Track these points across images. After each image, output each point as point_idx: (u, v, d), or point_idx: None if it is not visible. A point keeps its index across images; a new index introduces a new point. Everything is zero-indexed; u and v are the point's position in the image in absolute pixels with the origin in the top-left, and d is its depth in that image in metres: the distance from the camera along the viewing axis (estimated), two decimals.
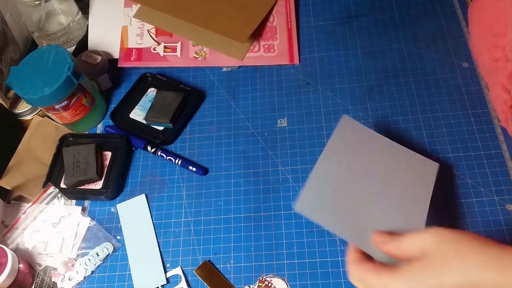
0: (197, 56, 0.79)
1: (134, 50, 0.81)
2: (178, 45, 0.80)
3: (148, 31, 0.82)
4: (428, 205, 0.55)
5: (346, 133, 0.60)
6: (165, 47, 0.80)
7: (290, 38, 0.80)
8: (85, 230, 0.66)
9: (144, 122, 0.73)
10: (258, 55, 0.78)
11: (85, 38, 0.85)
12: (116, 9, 0.85)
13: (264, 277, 0.60)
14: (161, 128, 0.73)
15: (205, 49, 0.79)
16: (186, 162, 0.69)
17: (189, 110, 0.74)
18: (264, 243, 0.62)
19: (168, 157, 0.70)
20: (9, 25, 0.78)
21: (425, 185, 0.57)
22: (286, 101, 0.74)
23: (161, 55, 0.80)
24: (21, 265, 0.61)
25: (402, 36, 0.77)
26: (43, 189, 0.68)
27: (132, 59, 0.80)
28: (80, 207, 0.68)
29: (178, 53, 0.80)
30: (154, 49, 0.81)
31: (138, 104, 0.75)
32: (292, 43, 0.79)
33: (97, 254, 0.64)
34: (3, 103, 0.75)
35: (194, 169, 0.68)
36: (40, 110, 0.77)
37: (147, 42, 0.81)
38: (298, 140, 0.70)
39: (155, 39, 0.81)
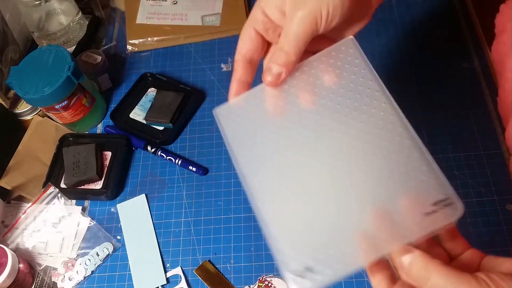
0: None
1: None
2: None
3: None
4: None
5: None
6: None
7: None
8: (85, 230, 0.66)
9: (144, 122, 0.73)
10: None
11: (85, 38, 0.85)
12: None
13: (264, 277, 0.60)
14: (161, 128, 0.73)
15: None
16: (186, 162, 0.69)
17: (189, 110, 0.74)
18: (264, 243, 0.62)
19: (168, 157, 0.70)
20: (9, 25, 0.78)
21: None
22: None
23: None
24: (21, 265, 0.61)
25: (402, 36, 0.77)
26: (43, 189, 0.68)
27: None
28: (80, 207, 0.68)
29: None
30: None
31: (138, 104, 0.75)
32: None
33: (97, 254, 0.64)
34: (3, 103, 0.76)
35: (194, 169, 0.68)
36: (40, 110, 0.77)
37: None
38: None
39: None
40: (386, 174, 0.39)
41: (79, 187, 0.69)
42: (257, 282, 0.60)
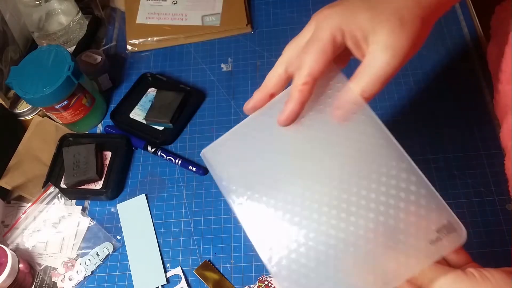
0: None
1: None
2: None
3: None
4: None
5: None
6: None
7: None
8: (85, 230, 0.66)
9: (144, 122, 0.73)
10: None
11: (85, 38, 0.85)
12: None
13: (264, 277, 0.60)
14: (161, 128, 0.73)
15: None
16: (186, 162, 0.69)
17: (189, 110, 0.74)
18: None
19: (168, 157, 0.70)
20: (9, 25, 0.78)
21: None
22: None
23: None
24: (21, 265, 0.61)
25: None
26: (43, 189, 0.68)
27: None
28: (80, 207, 0.68)
29: None
30: None
31: (138, 104, 0.75)
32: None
33: (97, 254, 0.64)
34: (3, 103, 0.76)
35: (194, 169, 0.68)
36: (40, 110, 0.77)
37: None
38: None
39: None
40: (385, 200, 0.38)
41: (79, 187, 0.69)
42: (257, 282, 0.60)
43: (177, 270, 0.62)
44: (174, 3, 0.86)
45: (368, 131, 0.39)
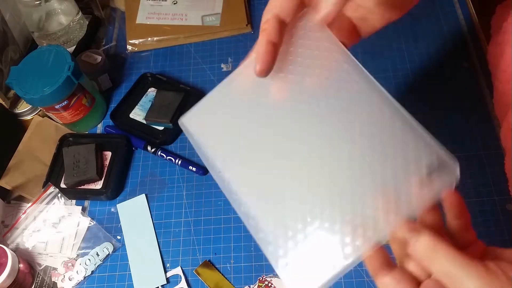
0: None
1: None
2: None
3: None
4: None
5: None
6: None
7: None
8: (85, 230, 0.66)
9: (144, 122, 0.73)
10: None
11: (85, 38, 0.85)
12: None
13: (264, 277, 0.60)
14: (161, 128, 0.73)
15: None
16: (186, 162, 0.69)
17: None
18: None
19: (168, 157, 0.70)
20: (9, 25, 0.78)
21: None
22: None
23: None
24: (21, 265, 0.61)
25: (402, 36, 0.77)
26: (43, 189, 0.68)
27: None
28: (80, 207, 0.68)
29: None
30: None
31: (138, 104, 0.75)
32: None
33: (97, 254, 0.64)
34: (3, 103, 0.76)
35: (194, 169, 0.68)
36: (40, 110, 0.77)
37: None
38: None
39: None
40: (370, 147, 0.36)
41: (79, 187, 0.69)
42: (257, 282, 0.60)
43: (177, 270, 0.62)
44: (174, 3, 0.86)
45: (352, 74, 0.38)
